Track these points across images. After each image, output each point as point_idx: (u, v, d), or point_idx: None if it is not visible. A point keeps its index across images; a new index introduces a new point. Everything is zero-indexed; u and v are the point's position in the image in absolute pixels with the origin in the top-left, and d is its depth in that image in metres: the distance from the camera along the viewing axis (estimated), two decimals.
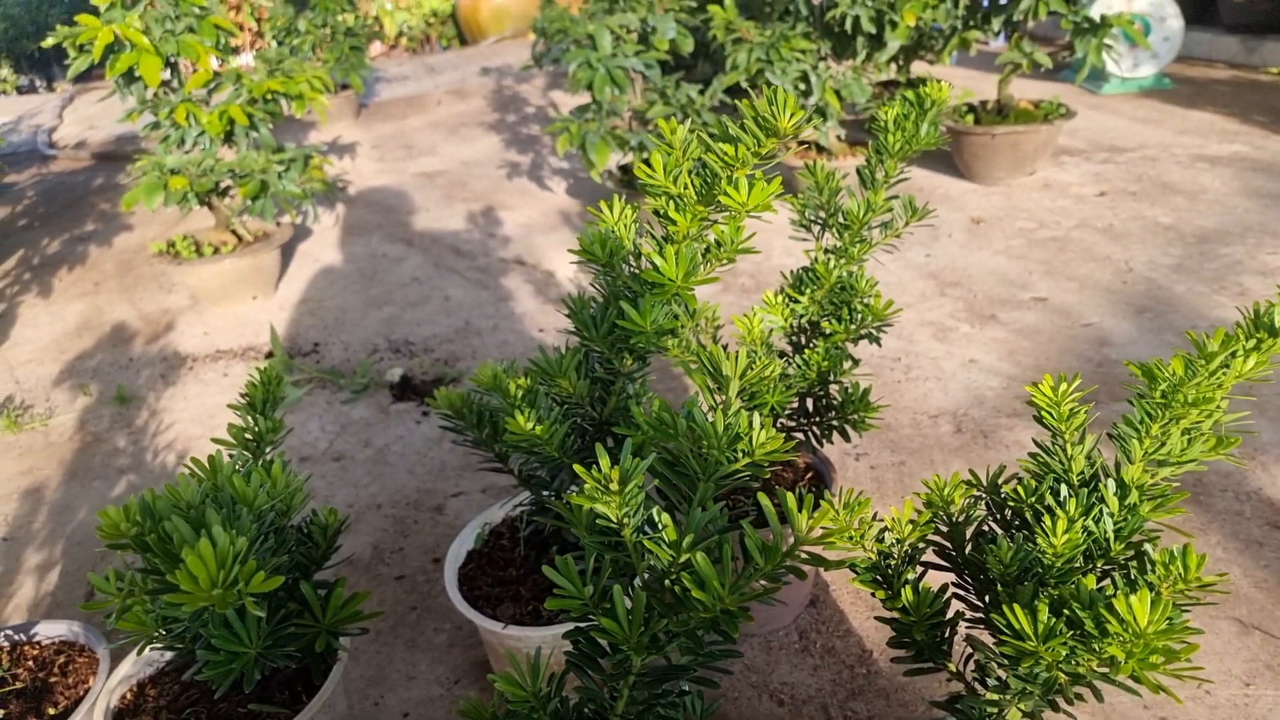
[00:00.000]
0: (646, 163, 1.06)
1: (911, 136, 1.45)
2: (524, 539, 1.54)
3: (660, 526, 0.85)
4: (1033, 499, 0.99)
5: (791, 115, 0.94)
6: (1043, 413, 0.99)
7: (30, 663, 1.38)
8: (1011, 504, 1.01)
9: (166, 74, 3.10)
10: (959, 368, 2.47)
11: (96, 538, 2.04)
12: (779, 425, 1.59)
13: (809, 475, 1.68)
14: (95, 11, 2.97)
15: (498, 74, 7.43)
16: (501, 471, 1.48)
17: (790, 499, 0.86)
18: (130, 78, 3.05)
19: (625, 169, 3.82)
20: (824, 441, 1.58)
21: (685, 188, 1.06)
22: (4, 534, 2.10)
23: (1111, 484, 0.97)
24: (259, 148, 3.29)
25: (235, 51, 8.02)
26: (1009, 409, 2.26)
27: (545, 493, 1.47)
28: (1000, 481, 1.07)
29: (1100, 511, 0.96)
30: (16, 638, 1.42)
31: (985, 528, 1.07)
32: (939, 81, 1.47)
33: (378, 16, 9.15)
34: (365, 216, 4.24)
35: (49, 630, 1.43)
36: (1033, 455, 1.05)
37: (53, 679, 1.35)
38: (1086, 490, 0.98)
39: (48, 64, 10.04)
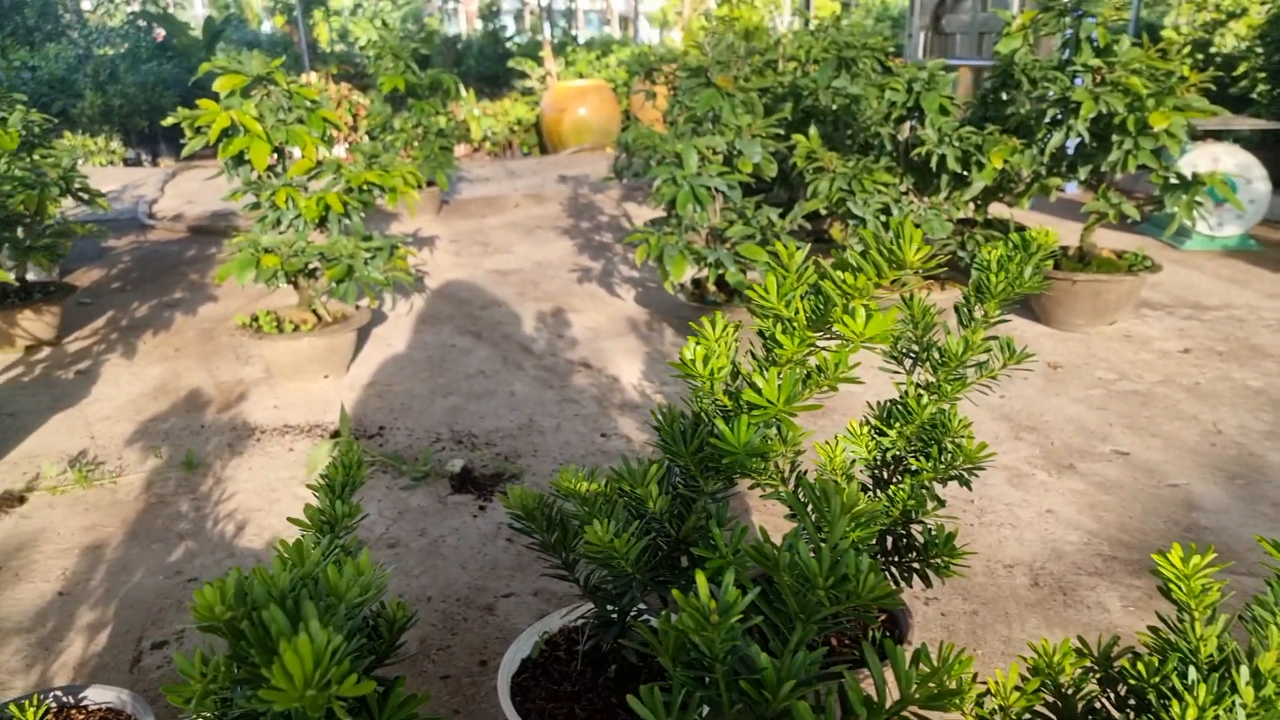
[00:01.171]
0: (721, 279, 1.05)
1: (1015, 279, 1.44)
2: (583, 653, 1.48)
3: (760, 668, 0.80)
4: (1156, 679, 0.91)
5: (918, 249, 0.92)
6: (1170, 585, 0.92)
7: None
8: (1131, 681, 0.93)
9: (273, 159, 3.28)
10: (1035, 517, 2.37)
11: (149, 601, 2.02)
12: None
13: (883, 619, 1.59)
14: (210, 95, 3.17)
15: (575, 182, 7.71)
16: (564, 579, 1.43)
17: (899, 652, 0.80)
18: (240, 160, 3.22)
19: (697, 283, 3.87)
20: (903, 584, 1.50)
21: (796, 312, 1.05)
22: (61, 588, 2.09)
23: (1244, 672, 0.89)
24: (349, 234, 3.42)
25: (331, 143, 8.48)
26: (1090, 566, 2.14)
27: (610, 607, 1.41)
28: (1113, 654, 1.00)
29: (1233, 703, 0.87)
30: (65, 700, 1.39)
31: (1097, 704, 0.98)
32: (1045, 228, 1.46)
33: (465, 120, 9.64)
34: (439, 307, 4.34)
35: (98, 696, 1.40)
36: (1153, 629, 0.97)
37: None
38: (1216, 675, 0.90)
39: (155, 140, 10.72)
